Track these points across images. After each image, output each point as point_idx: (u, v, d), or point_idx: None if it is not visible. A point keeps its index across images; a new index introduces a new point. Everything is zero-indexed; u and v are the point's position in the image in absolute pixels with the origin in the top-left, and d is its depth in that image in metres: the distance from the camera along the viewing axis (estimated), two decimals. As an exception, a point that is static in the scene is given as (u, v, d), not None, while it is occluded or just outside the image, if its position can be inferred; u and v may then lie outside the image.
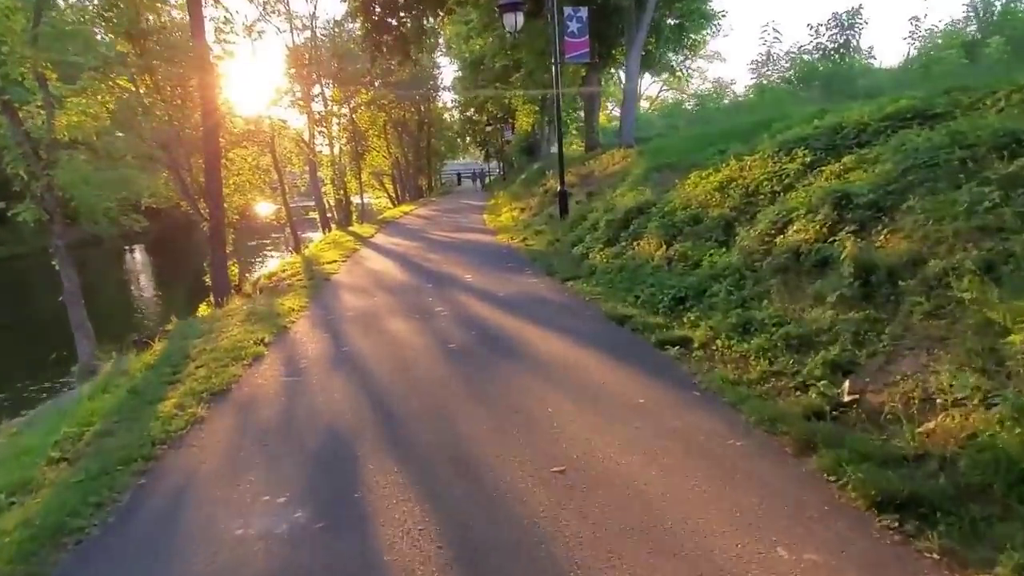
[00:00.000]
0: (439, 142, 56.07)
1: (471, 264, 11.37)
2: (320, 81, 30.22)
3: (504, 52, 21.92)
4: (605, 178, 15.20)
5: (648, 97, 67.11)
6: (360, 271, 11.91)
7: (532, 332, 6.40)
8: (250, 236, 37.40)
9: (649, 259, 7.89)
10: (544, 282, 9.18)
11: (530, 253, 11.92)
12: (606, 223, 9.81)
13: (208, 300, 15.61)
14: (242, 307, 9.14)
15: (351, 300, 8.95)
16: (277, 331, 7.18)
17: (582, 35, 13.09)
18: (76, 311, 13.06)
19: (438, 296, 8.73)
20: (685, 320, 5.85)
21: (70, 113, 13.06)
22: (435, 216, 26.10)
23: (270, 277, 12.81)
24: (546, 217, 15.71)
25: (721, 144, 10.35)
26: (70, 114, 12.97)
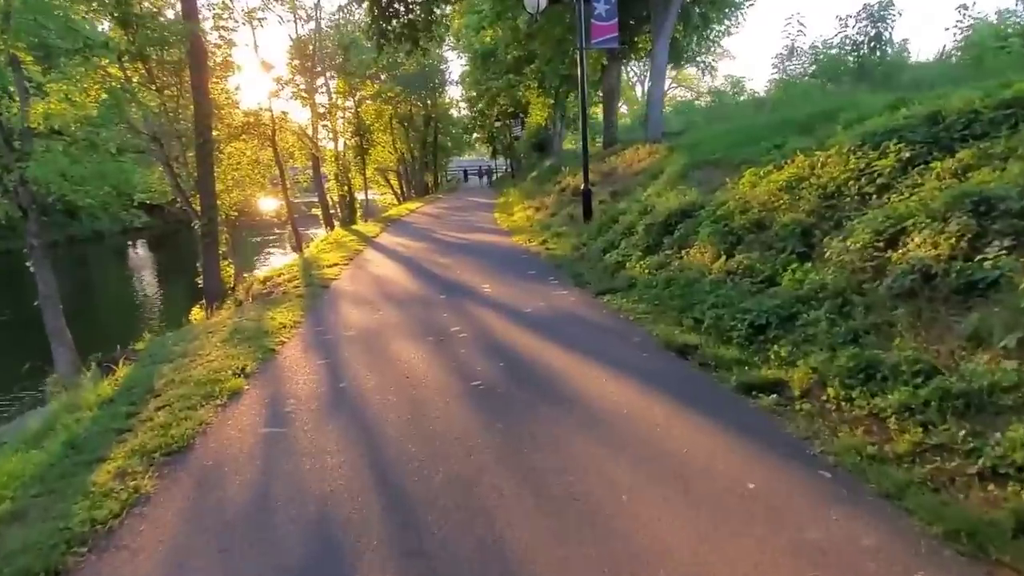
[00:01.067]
0: (445, 138, 54.82)
1: (487, 271, 10.17)
2: (325, 73, 29.06)
3: (517, 42, 20.67)
4: (631, 176, 13.97)
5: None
6: (363, 277, 10.71)
7: (573, 364, 5.19)
8: (253, 232, 36.33)
9: (704, 272, 6.67)
10: (574, 295, 7.97)
11: (553, 259, 10.72)
12: (644, 227, 8.58)
13: (204, 303, 14.50)
14: (228, 320, 7.95)
15: (352, 314, 7.75)
16: (263, 356, 5.99)
17: (611, 17, 11.87)
18: (53, 317, 11.92)
19: (453, 311, 7.54)
20: (772, 355, 4.64)
21: (52, 101, 11.90)
22: (443, 214, 24.90)
23: (264, 281, 11.64)
24: (566, 218, 14.49)
25: (773, 138, 9.12)
26: (52, 102, 11.82)
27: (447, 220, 21.86)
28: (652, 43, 15.07)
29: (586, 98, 12.31)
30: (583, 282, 8.53)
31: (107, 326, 21.30)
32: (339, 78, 28.16)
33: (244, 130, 21.53)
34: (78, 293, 30.01)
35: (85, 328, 20.61)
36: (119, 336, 18.28)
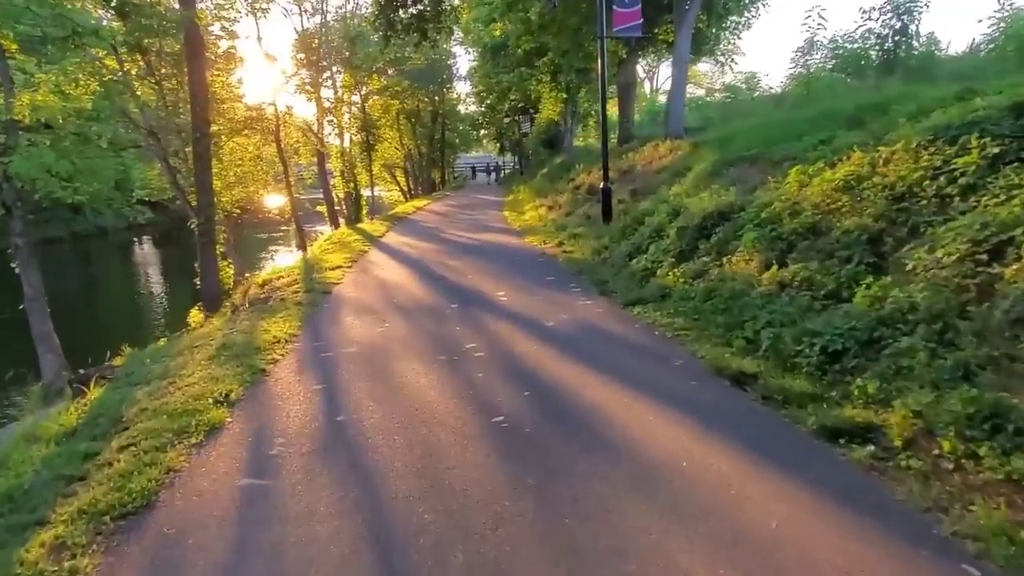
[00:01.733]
0: (453, 134, 54.03)
1: (502, 276, 9.41)
2: (331, 67, 28.33)
3: (530, 35, 19.81)
4: (652, 174, 13.18)
5: (664, 91, 64.88)
6: (368, 282, 9.97)
7: (610, 394, 4.43)
8: (258, 229, 35.67)
9: (752, 283, 5.89)
10: (599, 305, 7.20)
11: (571, 263, 9.95)
12: (676, 231, 7.79)
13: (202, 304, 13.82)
14: (217, 332, 7.21)
15: (355, 326, 7.00)
16: (252, 378, 5.24)
17: (634, 4, 11.05)
18: (39, 320, 11.24)
19: (466, 323, 6.78)
20: (855, 391, 3.86)
21: (40, 92, 11.21)
22: (451, 212, 24.14)
23: (263, 285, 10.90)
24: (582, 218, 13.72)
25: (817, 133, 8.32)
26: (40, 93, 11.12)
27: (455, 219, 21.11)
28: (674, 33, 14.25)
29: (605, 91, 11.52)
30: (608, 290, 7.77)
31: (104, 327, 20.66)
32: (345, 72, 27.40)
33: (247, 125, 20.84)
34: (78, 291, 29.47)
35: (82, 328, 20.01)
36: (115, 337, 17.62)
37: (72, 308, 23.66)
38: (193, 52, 12.15)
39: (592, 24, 16.16)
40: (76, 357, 13.31)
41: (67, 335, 17.29)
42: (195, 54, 12.18)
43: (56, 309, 19.57)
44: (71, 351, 13.74)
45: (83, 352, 14.29)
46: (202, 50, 12.48)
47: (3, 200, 10.53)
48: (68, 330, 19.00)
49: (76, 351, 13.75)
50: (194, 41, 12.14)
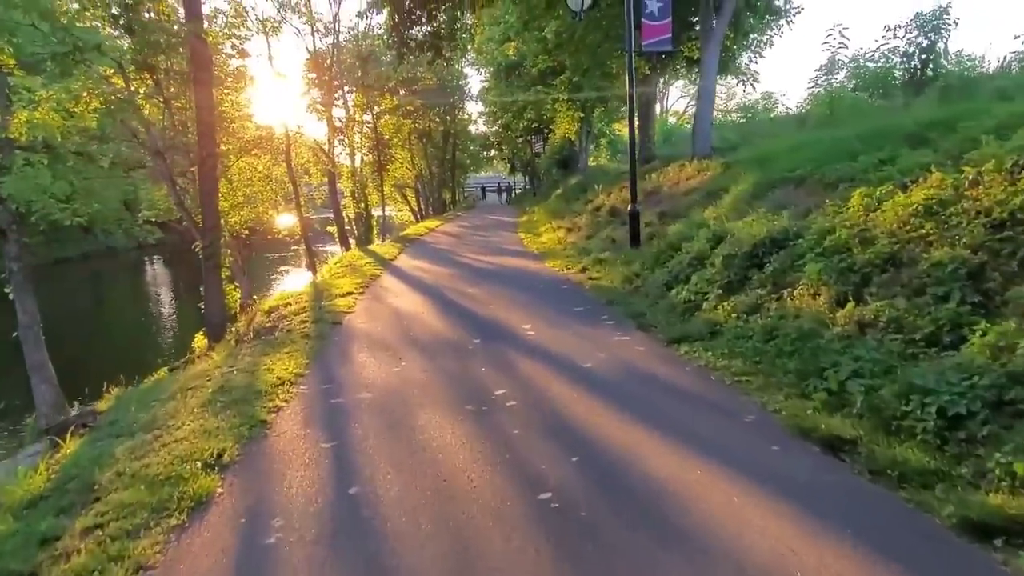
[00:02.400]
0: (463, 154, 53.71)
1: (525, 305, 8.70)
2: (343, 87, 27.98)
3: (546, 53, 19.33)
4: (680, 195, 12.49)
5: (675, 112, 64.32)
6: (381, 311, 9.27)
7: (676, 463, 3.68)
8: (268, 249, 35.20)
9: (823, 321, 5.14)
10: (639, 342, 6.46)
11: (600, 291, 9.22)
12: (723, 259, 7.06)
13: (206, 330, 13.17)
14: (215, 370, 6.50)
15: (368, 365, 6.28)
16: (250, 432, 4.52)
17: (663, 16, 10.44)
18: (34, 349, 10.61)
19: (492, 363, 6.05)
20: (993, 468, 3.09)
21: (41, 110, 10.70)
22: (464, 233, 23.51)
23: (269, 313, 10.22)
24: (606, 242, 13.02)
25: (871, 151, 7.62)
26: (40, 111, 10.60)
27: (469, 240, 20.46)
28: (700, 50, 13.65)
29: (634, 108, 10.87)
30: (646, 324, 7.03)
31: (109, 350, 20.08)
32: (357, 91, 27.01)
33: (256, 144, 20.37)
34: (86, 313, 29.00)
35: (86, 352, 19.44)
36: (119, 362, 17.03)
37: (78, 331, 23.14)
38: (199, 68, 11.62)
39: (614, 40, 15.65)
40: (78, 383, 12.68)
41: (71, 360, 16.73)
42: (201, 70, 11.65)
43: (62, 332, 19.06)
44: (73, 377, 13.14)
45: (85, 378, 13.66)
46: (209, 66, 11.95)
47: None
48: (72, 355, 18.48)
49: (78, 376, 13.15)
50: (200, 57, 11.62)
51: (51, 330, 11.50)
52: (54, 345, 11.54)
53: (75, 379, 14.78)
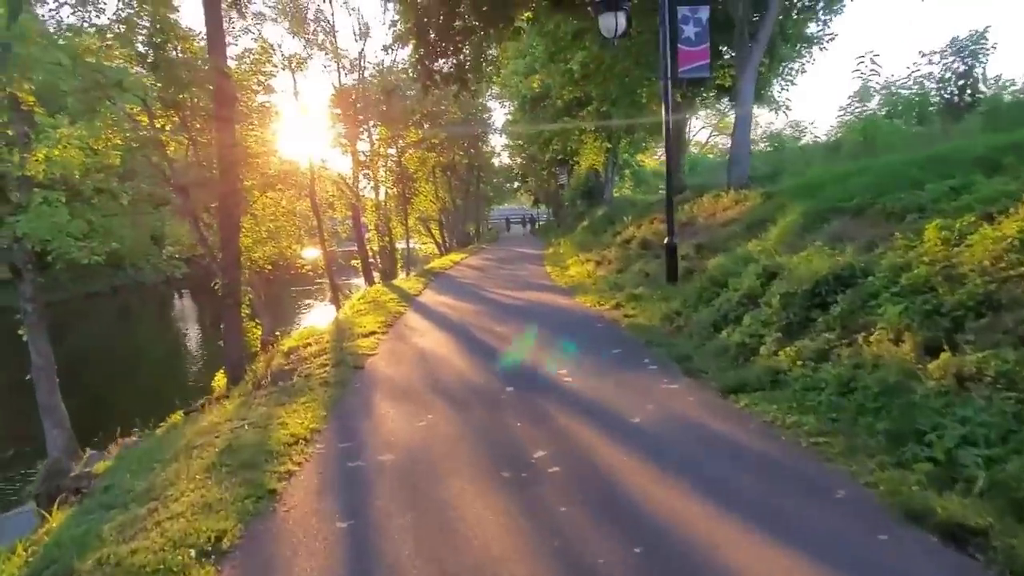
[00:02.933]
0: (487, 186, 53.73)
1: (559, 347, 8.10)
2: (367, 122, 28.01)
3: (573, 83, 19.03)
4: (717, 227, 11.87)
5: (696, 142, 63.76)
6: (405, 353, 8.73)
7: (763, 556, 3.02)
8: (292, 283, 35.10)
9: (911, 373, 4.47)
10: (690, 391, 5.82)
11: (638, 331, 8.59)
12: (780, 298, 6.40)
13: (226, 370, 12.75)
14: (225, 424, 5.97)
15: (391, 418, 5.71)
16: (255, 506, 3.96)
17: (701, 42, 9.98)
18: (46, 392, 10.25)
19: (527, 416, 5.44)
20: None
21: (62, 146, 10.52)
22: (489, 267, 23.07)
23: (288, 354, 9.75)
24: (639, 276, 12.40)
25: (938, 179, 6.98)
26: (59, 148, 10.41)
27: (495, 274, 19.97)
28: (734, 77, 13.16)
29: (671, 137, 10.35)
30: (695, 370, 6.38)
31: (130, 388, 19.83)
32: (382, 125, 26.98)
33: (280, 179, 20.23)
34: (112, 348, 28.95)
35: (107, 390, 19.21)
36: (138, 400, 16.73)
37: (103, 366, 23.03)
38: (222, 105, 11.41)
39: (644, 68, 15.25)
40: (97, 423, 12.34)
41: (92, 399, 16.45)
42: (224, 107, 11.43)
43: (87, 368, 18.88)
44: (92, 417, 12.82)
45: (105, 417, 13.33)
46: (232, 103, 11.74)
47: (14, 261, 9.68)
48: (95, 393, 18.25)
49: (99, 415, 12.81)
50: (223, 93, 11.41)
51: (76, 366, 11.27)
52: (77, 382, 11.26)
53: (95, 418, 14.47)
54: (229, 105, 11.40)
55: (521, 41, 24.50)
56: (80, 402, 17.71)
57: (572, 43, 17.80)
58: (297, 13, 23.12)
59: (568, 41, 17.82)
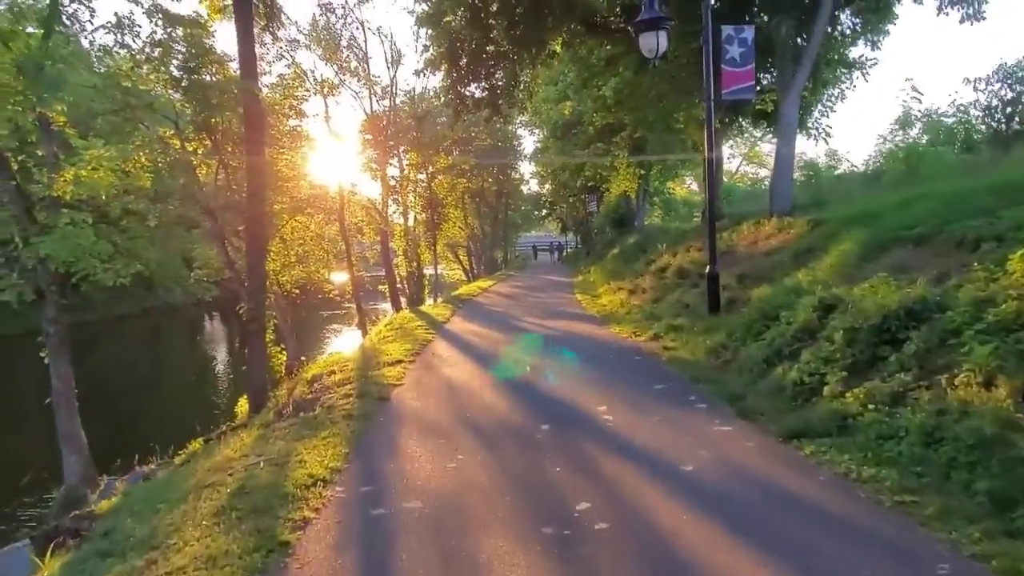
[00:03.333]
0: (515, 213, 53.64)
1: (597, 380, 7.61)
2: (398, 148, 28.06)
3: (606, 109, 18.71)
4: (760, 256, 11.32)
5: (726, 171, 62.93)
6: (433, 384, 8.29)
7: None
8: (321, 307, 35.05)
9: (1011, 422, 3.90)
10: (746, 435, 5.28)
11: (681, 365, 8.06)
12: (843, 333, 5.85)
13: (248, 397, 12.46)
14: (240, 460, 5.58)
15: (418, 458, 5.26)
16: (265, 559, 3.51)
17: (746, 63, 9.57)
18: (66, 418, 10.00)
19: (568, 460, 4.95)
20: None
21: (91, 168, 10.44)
22: (518, 294, 22.66)
23: (311, 383, 9.39)
24: (678, 307, 11.86)
25: (1011, 206, 6.42)
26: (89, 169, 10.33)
27: (524, 302, 19.54)
28: (777, 102, 12.70)
29: (713, 161, 9.91)
30: (749, 411, 5.83)
31: (155, 412, 19.68)
32: (412, 151, 26.99)
33: (309, 203, 20.18)
34: (139, 369, 29.05)
35: (131, 415, 19.06)
36: (163, 426, 16.53)
37: (130, 389, 22.99)
38: (252, 128, 11.27)
39: (682, 93, 14.87)
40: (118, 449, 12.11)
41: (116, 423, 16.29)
42: (254, 129, 11.29)
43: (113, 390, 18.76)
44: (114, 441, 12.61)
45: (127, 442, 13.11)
46: (262, 126, 11.61)
47: (39, 284, 9.53)
48: (119, 416, 18.13)
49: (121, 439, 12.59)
50: (254, 115, 11.29)
51: (102, 387, 11.08)
52: (102, 404, 11.04)
53: (117, 442, 14.28)
54: (259, 128, 11.26)
55: (553, 68, 24.46)
56: (103, 425, 17.58)
57: (605, 69, 17.55)
58: (330, 40, 23.31)
59: (601, 67, 17.58)
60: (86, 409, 11.04)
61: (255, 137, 11.29)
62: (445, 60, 15.88)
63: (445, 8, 15.19)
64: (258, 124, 11.24)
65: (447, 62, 15.92)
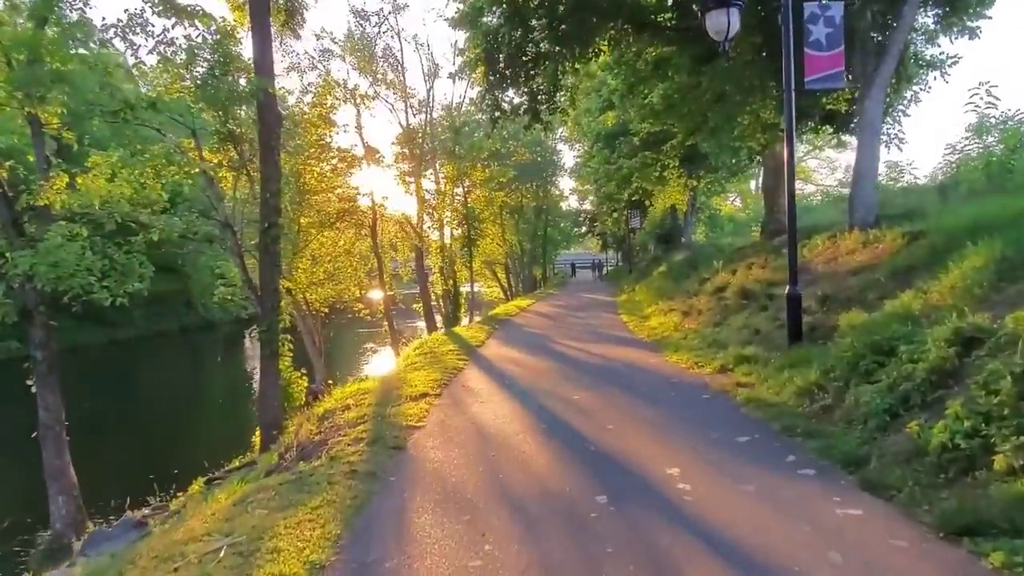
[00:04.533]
0: (555, 230, 52.29)
1: (661, 428, 6.16)
2: (434, 162, 27.05)
3: (654, 116, 17.26)
4: (843, 275, 9.70)
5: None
6: (460, 427, 6.93)
7: None
8: (356, 324, 34.15)
9: None
10: (888, 524, 3.77)
11: (764, 410, 6.51)
12: (1016, 382, 4.28)
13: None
14: (202, 538, 4.27)
15: (432, 545, 3.89)
16: None
17: (832, 46, 8.05)
18: (54, 453, 8.96)
19: (639, 559, 3.52)
20: None
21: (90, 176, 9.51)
22: (559, 314, 21.21)
23: (322, 419, 8.12)
24: (745, 332, 10.29)
25: None
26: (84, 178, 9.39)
27: (566, 323, 18.11)
28: (859, 96, 11.09)
29: (793, 157, 8.34)
30: (876, 483, 4.33)
31: (174, 439, 18.77)
32: (448, 163, 25.91)
33: (339, 218, 19.18)
34: (167, 392, 28.41)
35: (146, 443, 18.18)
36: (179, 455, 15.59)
37: (146, 414, 22.23)
38: (266, 128, 10.20)
39: (745, 92, 13.35)
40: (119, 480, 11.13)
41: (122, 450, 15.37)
42: (268, 131, 10.23)
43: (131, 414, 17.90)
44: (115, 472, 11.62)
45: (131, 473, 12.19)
46: (276, 127, 10.52)
47: (26, 303, 8.53)
48: (127, 444, 17.29)
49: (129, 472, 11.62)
50: (268, 115, 10.23)
51: (125, 411, 10.15)
52: (121, 429, 10.06)
53: (124, 472, 13.33)
54: (273, 130, 10.17)
55: (595, 77, 23.14)
56: (116, 451, 16.81)
57: (653, 74, 16.18)
58: (364, 49, 22.46)
59: (648, 72, 16.21)
60: (102, 433, 10.10)
61: (269, 141, 10.22)
62: (482, 62, 14.70)
63: (482, 5, 14.02)
64: (272, 126, 10.16)
65: (484, 64, 14.74)
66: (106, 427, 18.64)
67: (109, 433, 18.21)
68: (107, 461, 15.17)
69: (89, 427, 16.39)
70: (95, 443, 15.28)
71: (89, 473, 10.57)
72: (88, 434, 15.21)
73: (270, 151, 10.25)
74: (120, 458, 17.32)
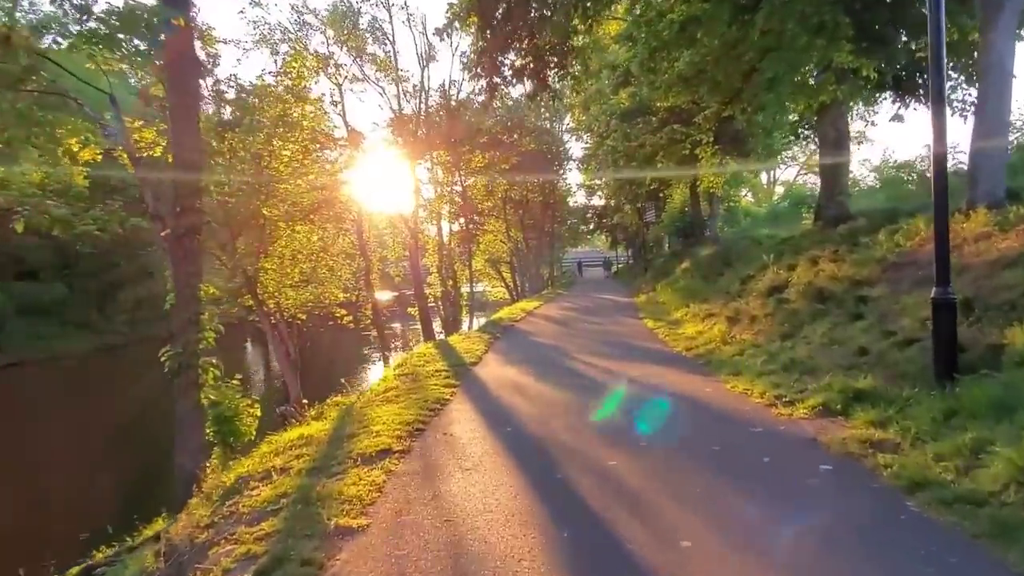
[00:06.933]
0: (561, 227, 49.46)
1: (770, 543, 3.35)
2: (429, 152, 24.28)
3: (683, 82, 14.46)
4: (985, 267, 6.89)
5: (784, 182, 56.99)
6: (427, 529, 4.14)
7: None
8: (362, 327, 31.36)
9: None
10: None
11: (931, 498, 3.71)
12: None
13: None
14: None
15: None
16: None
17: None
18: None
19: None
20: None
21: None
22: (571, 319, 18.43)
23: (225, 497, 5.39)
24: (841, 351, 7.46)
25: None
26: None
27: (581, 330, 15.34)
28: (981, 29, 8.27)
29: (944, 101, 5.47)
30: None
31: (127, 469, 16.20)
32: (444, 149, 23.12)
33: (314, 210, 16.45)
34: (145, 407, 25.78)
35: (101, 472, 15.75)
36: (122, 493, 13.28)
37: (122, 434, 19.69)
38: (178, 76, 7.46)
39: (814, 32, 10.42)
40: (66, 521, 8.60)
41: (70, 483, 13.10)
42: (182, 79, 7.48)
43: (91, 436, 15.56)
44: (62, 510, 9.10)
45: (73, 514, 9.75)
46: (194, 76, 7.80)
47: None
48: (82, 473, 14.89)
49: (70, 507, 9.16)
50: (183, 60, 7.48)
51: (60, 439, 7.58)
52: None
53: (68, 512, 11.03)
54: (188, 80, 7.43)
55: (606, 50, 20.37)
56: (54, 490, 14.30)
57: (678, 37, 13.39)
58: (347, 19, 19.73)
59: (673, 36, 13.41)
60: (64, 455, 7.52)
61: (184, 98, 7.49)
62: (474, 12, 11.91)
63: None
64: (187, 73, 7.42)
65: (477, 15, 11.96)
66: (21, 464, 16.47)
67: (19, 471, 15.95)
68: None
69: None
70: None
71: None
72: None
73: (185, 109, 7.51)
74: (56, 493, 14.84)
